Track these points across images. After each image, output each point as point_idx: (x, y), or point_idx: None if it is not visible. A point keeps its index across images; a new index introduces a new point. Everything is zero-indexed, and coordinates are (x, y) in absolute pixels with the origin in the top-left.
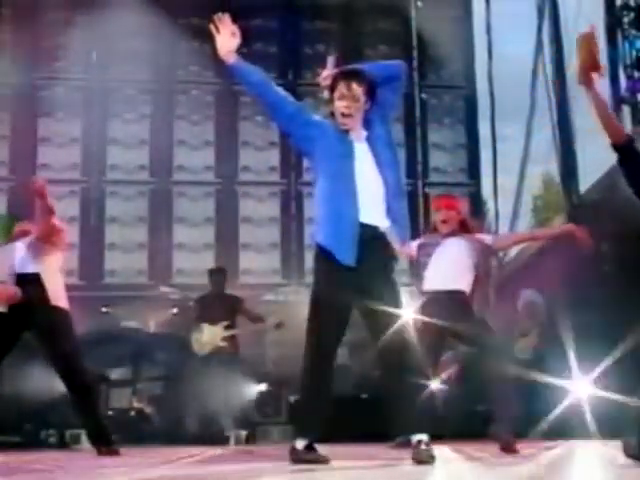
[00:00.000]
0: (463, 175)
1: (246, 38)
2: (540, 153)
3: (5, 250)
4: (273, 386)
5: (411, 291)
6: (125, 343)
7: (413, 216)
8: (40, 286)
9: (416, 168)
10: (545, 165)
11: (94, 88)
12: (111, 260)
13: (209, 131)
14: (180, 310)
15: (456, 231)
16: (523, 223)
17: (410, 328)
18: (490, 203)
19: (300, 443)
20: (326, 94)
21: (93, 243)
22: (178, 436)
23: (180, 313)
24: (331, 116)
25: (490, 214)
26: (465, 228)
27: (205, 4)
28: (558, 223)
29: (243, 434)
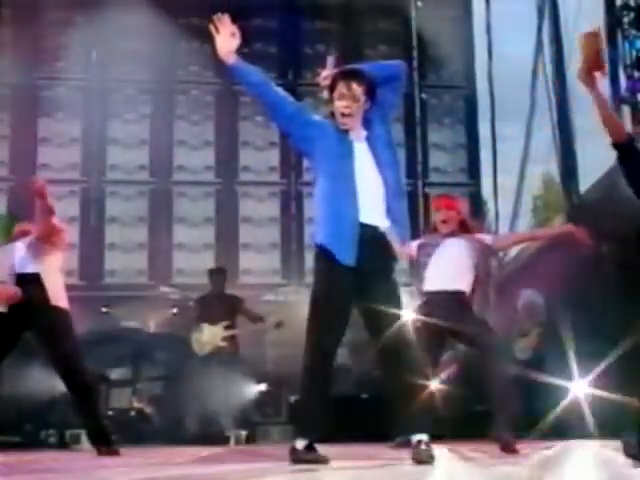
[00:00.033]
0: (463, 175)
1: (246, 38)
2: (540, 153)
3: (5, 250)
4: (273, 386)
5: (411, 291)
6: (125, 343)
7: (413, 216)
8: (40, 286)
9: (416, 168)
10: (545, 165)
11: (94, 88)
12: (111, 260)
13: (209, 131)
14: (180, 310)
15: (456, 231)
16: (523, 223)
17: (410, 328)
18: (490, 203)
19: (300, 443)
20: (326, 94)
21: (93, 243)
22: (178, 436)
23: (180, 313)
24: (331, 116)
25: (490, 214)
26: (465, 228)
27: (205, 4)
28: (558, 223)
29: (243, 434)
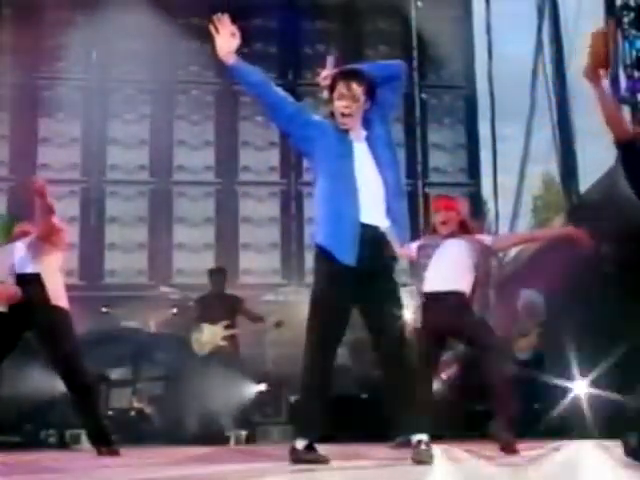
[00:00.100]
0: (463, 175)
1: (246, 38)
2: (540, 153)
3: (5, 250)
4: (273, 386)
5: (411, 291)
6: (125, 343)
7: (413, 216)
8: (40, 286)
9: (416, 168)
10: (545, 165)
11: (94, 88)
12: (111, 260)
13: (209, 131)
14: (180, 310)
15: (456, 232)
16: (523, 223)
17: (410, 328)
18: (490, 203)
19: (300, 443)
20: (326, 94)
21: (93, 243)
22: (178, 436)
23: (180, 313)
24: (331, 116)
25: (490, 214)
26: (465, 229)
27: (205, 4)
28: (558, 223)
29: (243, 434)
